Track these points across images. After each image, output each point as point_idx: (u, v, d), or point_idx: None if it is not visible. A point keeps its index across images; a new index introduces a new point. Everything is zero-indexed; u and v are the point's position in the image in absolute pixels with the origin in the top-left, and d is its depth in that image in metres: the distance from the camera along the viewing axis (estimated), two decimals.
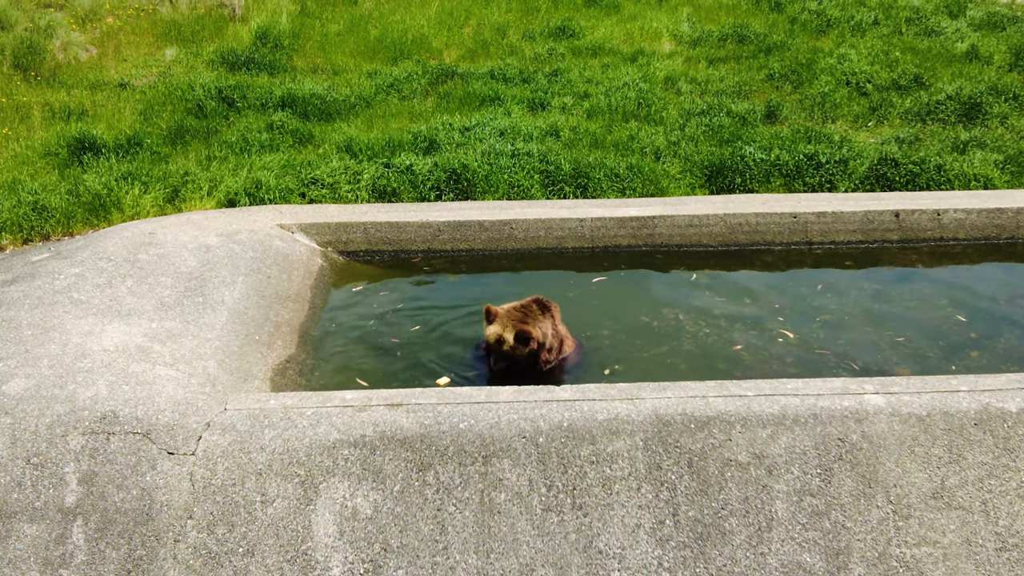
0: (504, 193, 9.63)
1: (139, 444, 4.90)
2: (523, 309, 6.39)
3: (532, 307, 6.43)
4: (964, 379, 5.25)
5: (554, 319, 6.50)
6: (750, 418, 4.94)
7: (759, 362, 6.47)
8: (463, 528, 4.74)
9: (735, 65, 14.26)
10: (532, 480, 4.82)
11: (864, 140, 11.39)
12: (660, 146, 10.88)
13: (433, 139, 10.85)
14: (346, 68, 14.20)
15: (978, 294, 7.43)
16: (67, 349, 5.57)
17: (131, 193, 9.38)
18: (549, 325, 6.41)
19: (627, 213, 8.33)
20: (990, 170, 10.03)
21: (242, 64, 13.88)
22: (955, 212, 8.35)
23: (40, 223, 8.90)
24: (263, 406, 5.12)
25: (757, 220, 8.31)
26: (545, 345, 6.36)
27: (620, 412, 4.96)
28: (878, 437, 4.91)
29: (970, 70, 13.40)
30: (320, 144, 11.02)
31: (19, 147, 10.80)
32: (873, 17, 16.16)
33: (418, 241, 8.25)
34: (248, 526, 4.72)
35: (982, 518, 4.80)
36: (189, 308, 6.34)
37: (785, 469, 4.84)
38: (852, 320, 7.05)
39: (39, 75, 13.11)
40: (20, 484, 4.81)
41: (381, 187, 9.62)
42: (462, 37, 15.57)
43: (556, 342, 6.50)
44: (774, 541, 4.73)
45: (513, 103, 12.40)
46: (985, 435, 4.92)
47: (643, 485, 4.82)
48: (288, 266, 7.46)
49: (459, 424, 4.92)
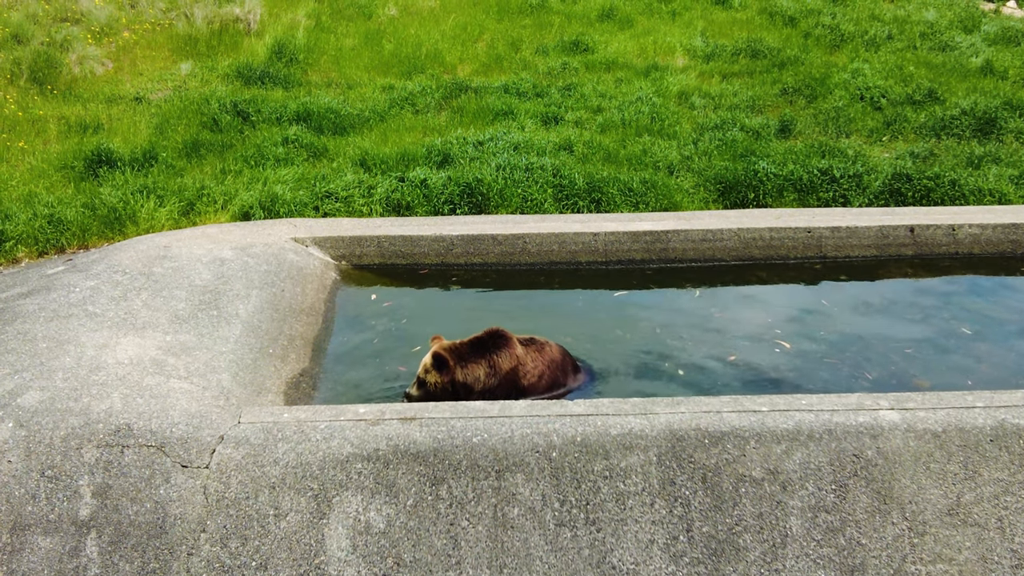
0: (517, 207, 9.64)
1: (153, 457, 4.91)
2: (457, 347, 6.11)
3: (465, 345, 6.12)
4: (979, 395, 5.22)
5: (493, 357, 6.11)
6: (764, 433, 4.92)
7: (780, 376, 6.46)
8: (476, 543, 4.73)
9: (749, 80, 14.26)
10: (545, 495, 4.81)
11: (878, 155, 11.37)
12: (673, 160, 10.88)
13: (447, 153, 10.87)
14: (360, 82, 14.26)
15: (997, 308, 7.41)
16: (82, 362, 5.59)
17: (146, 206, 9.42)
18: (483, 367, 6.08)
19: (641, 227, 8.32)
20: (1005, 185, 9.99)
21: (257, 78, 13.95)
22: (970, 227, 8.32)
23: (56, 236, 8.95)
24: (277, 419, 5.12)
25: (771, 235, 8.29)
26: (474, 388, 6.04)
27: (634, 427, 4.95)
28: (893, 453, 4.88)
29: (985, 85, 13.37)
30: (334, 158, 11.06)
31: (35, 160, 10.86)
32: (887, 32, 16.14)
33: (431, 255, 8.26)
34: (261, 540, 4.72)
35: (998, 535, 4.76)
36: (203, 321, 6.36)
37: (800, 485, 4.82)
38: (869, 334, 7.02)
39: (55, 89, 13.20)
40: (35, 496, 4.82)
41: (395, 201, 9.64)
42: (476, 51, 15.61)
43: (500, 378, 6.13)
44: (788, 558, 4.70)
45: (527, 117, 12.43)
46: (1001, 451, 4.89)
47: (657, 500, 4.80)
48: (302, 279, 7.47)
49: (472, 438, 4.91)
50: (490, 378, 6.09)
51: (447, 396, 5.93)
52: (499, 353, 6.13)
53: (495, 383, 6.10)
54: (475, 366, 6.07)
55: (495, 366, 6.11)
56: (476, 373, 6.06)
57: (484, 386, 6.07)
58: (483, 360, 6.10)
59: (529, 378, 6.22)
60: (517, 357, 6.18)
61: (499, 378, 6.11)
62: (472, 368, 6.06)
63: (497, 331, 6.20)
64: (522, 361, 6.21)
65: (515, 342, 6.21)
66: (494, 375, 6.10)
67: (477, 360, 6.09)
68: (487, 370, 6.09)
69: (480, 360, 6.09)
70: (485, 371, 6.08)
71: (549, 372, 6.34)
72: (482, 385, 6.06)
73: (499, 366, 6.11)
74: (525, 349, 6.27)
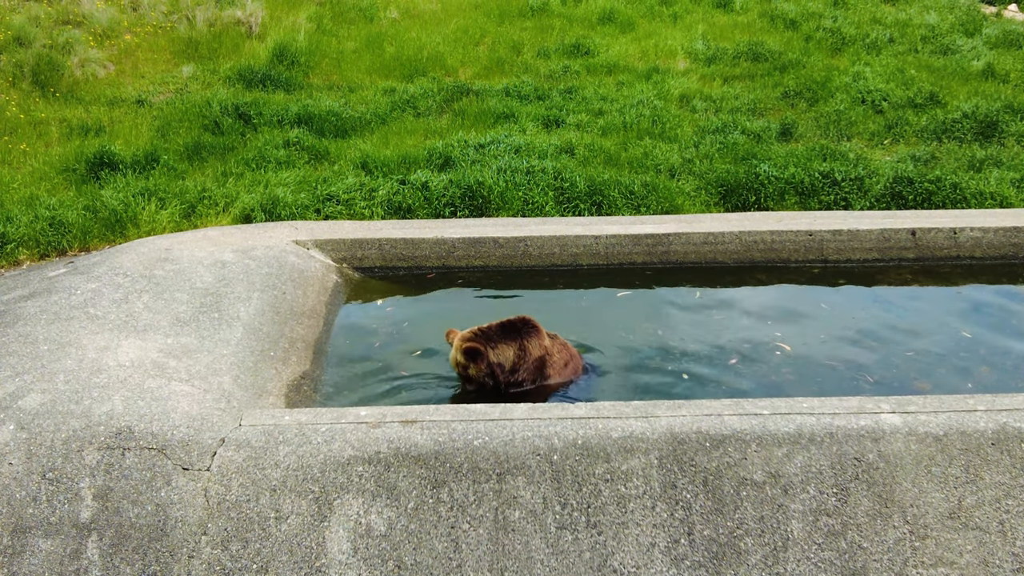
0: (519, 210, 9.64)
1: (154, 460, 4.91)
2: (484, 330, 6.21)
3: (493, 328, 6.23)
4: (981, 398, 5.21)
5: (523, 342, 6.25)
6: (765, 437, 4.91)
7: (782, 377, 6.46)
8: (477, 546, 4.73)
9: (750, 83, 14.27)
10: (546, 498, 4.81)
11: (879, 158, 11.37)
12: (675, 163, 10.89)
13: (448, 156, 10.88)
14: (362, 85, 14.27)
15: (998, 311, 7.41)
16: (83, 364, 5.59)
17: (148, 209, 9.43)
18: (513, 348, 6.20)
19: (642, 230, 8.32)
20: (1006, 189, 9.99)
21: (259, 81, 13.96)
22: (972, 230, 8.32)
23: (57, 238, 8.95)
24: (278, 422, 5.12)
25: (772, 238, 8.29)
26: (505, 367, 6.16)
27: (635, 430, 4.94)
28: (895, 456, 4.87)
29: (986, 88, 13.38)
30: (336, 161, 11.07)
31: (37, 163, 10.88)
32: (888, 35, 16.15)
33: (433, 258, 8.26)
34: (262, 542, 4.72)
35: (999, 539, 4.76)
36: (205, 324, 6.36)
37: (801, 488, 4.81)
38: (876, 337, 7.02)
39: (57, 91, 13.22)
40: (36, 499, 4.82)
41: (396, 204, 9.64)
42: (477, 54, 15.62)
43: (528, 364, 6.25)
44: (790, 561, 4.70)
45: (528, 120, 12.43)
46: (1003, 455, 4.88)
47: (658, 504, 4.80)
48: (303, 282, 7.48)
49: (473, 441, 4.91)
50: (520, 360, 6.20)
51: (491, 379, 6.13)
52: (529, 339, 6.26)
53: (524, 367, 6.22)
54: (505, 347, 6.17)
55: (525, 351, 6.23)
56: (507, 354, 6.16)
57: (513, 367, 6.19)
58: (514, 343, 6.21)
59: (555, 367, 6.37)
60: (545, 347, 6.32)
61: (528, 362, 6.23)
62: (502, 349, 6.16)
63: (527, 319, 6.33)
64: (549, 351, 6.34)
65: (544, 333, 6.34)
66: (524, 359, 6.22)
67: (508, 342, 6.20)
68: (517, 352, 6.21)
69: (511, 343, 6.20)
70: (515, 353, 6.20)
71: (572, 364, 6.50)
72: (511, 366, 6.18)
73: (529, 351, 6.24)
74: (551, 340, 6.41)
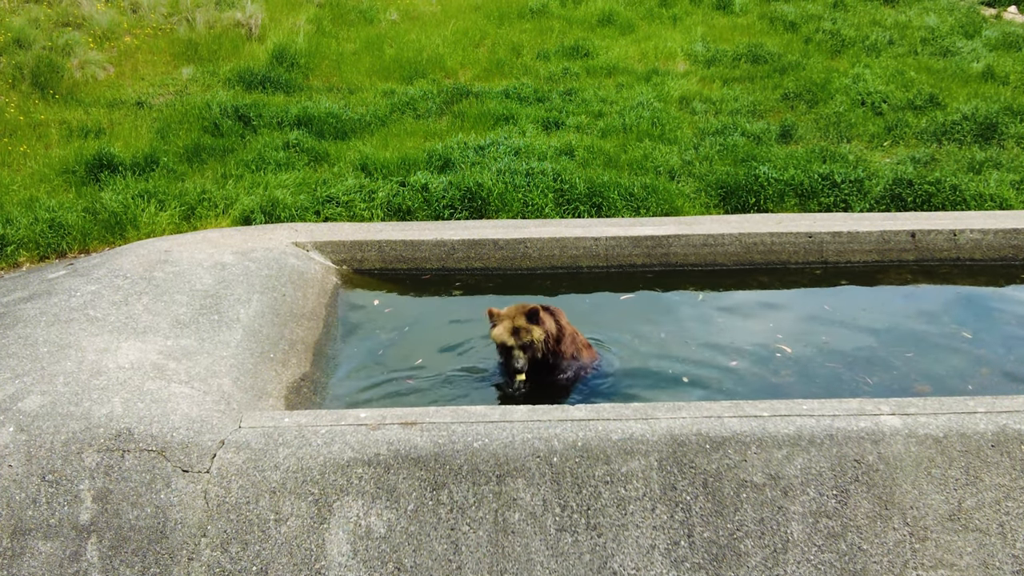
0: (518, 212, 9.64)
1: (154, 461, 4.91)
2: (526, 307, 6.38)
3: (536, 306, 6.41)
4: (981, 400, 5.21)
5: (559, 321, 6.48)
6: (765, 439, 4.91)
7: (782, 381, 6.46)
8: (477, 548, 4.72)
9: (749, 85, 14.27)
10: (546, 500, 4.80)
11: (879, 160, 11.37)
12: (674, 165, 10.89)
13: (448, 158, 10.88)
14: (362, 87, 14.27)
15: (998, 313, 7.41)
16: (83, 366, 5.59)
17: (147, 211, 9.43)
18: (551, 320, 6.39)
19: (642, 232, 8.33)
20: (1006, 191, 9.99)
21: (258, 83, 13.96)
22: (971, 232, 8.32)
23: (57, 240, 8.95)
24: (277, 424, 5.12)
25: (772, 240, 8.30)
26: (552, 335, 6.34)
27: (635, 432, 4.94)
28: (895, 458, 4.87)
29: (986, 90, 13.37)
30: (335, 163, 11.07)
31: (37, 165, 10.88)
32: (888, 37, 16.15)
33: (432, 259, 8.27)
34: (262, 544, 4.72)
35: (999, 540, 4.76)
36: (204, 326, 6.36)
37: (801, 490, 4.81)
38: (876, 338, 7.02)
39: (57, 93, 13.21)
40: (35, 501, 4.82)
41: (396, 205, 9.64)
42: (477, 56, 15.62)
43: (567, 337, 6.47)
44: (790, 563, 4.70)
45: (527, 122, 12.43)
46: (1003, 457, 4.88)
47: (658, 506, 4.80)
48: (303, 284, 7.48)
49: (473, 443, 4.90)
50: (561, 332, 6.41)
51: (548, 350, 6.34)
52: (559, 317, 6.47)
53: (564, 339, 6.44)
54: (547, 318, 6.35)
55: (561, 325, 6.45)
56: (550, 324, 6.35)
57: (558, 336, 6.39)
58: (550, 316, 6.40)
59: (582, 345, 6.63)
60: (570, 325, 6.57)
61: (567, 335, 6.46)
62: (546, 318, 6.33)
63: (548, 306, 6.51)
64: (575, 331, 6.60)
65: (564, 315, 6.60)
66: (562, 332, 6.44)
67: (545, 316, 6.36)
68: (557, 324, 6.41)
69: (548, 317, 6.38)
70: (555, 325, 6.39)
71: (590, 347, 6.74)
72: (556, 335, 6.38)
73: (564, 326, 6.47)
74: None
